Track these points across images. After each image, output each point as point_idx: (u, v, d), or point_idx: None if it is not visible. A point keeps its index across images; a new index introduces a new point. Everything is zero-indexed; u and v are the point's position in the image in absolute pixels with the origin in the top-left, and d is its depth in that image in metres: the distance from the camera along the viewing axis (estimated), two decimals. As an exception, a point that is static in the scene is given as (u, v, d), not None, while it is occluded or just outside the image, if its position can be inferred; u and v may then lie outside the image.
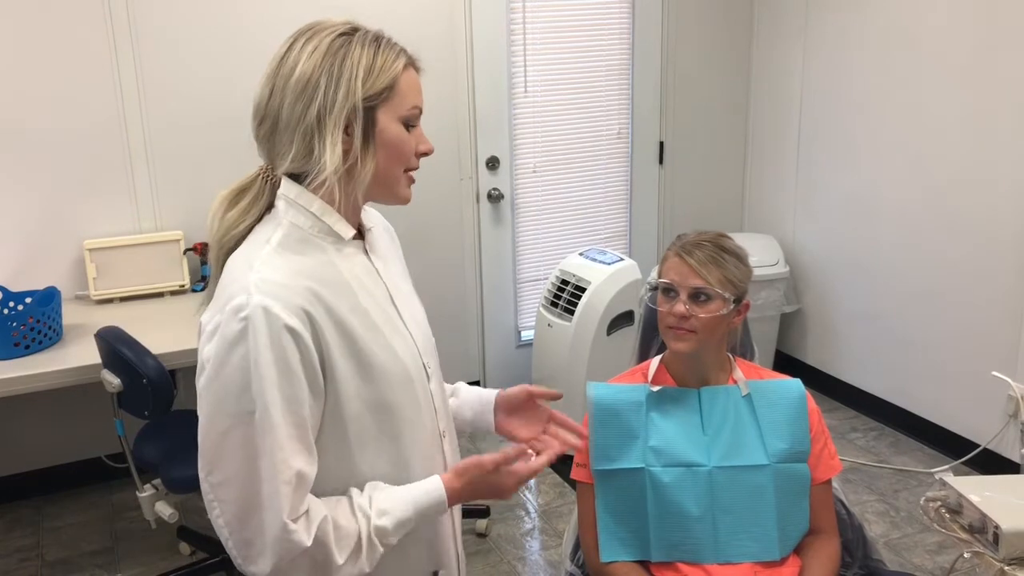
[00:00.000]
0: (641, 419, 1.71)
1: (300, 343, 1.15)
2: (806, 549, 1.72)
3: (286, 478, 1.14)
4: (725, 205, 4.36)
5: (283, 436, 1.15)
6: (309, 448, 1.18)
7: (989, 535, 1.76)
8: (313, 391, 1.18)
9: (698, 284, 1.66)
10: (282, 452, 1.14)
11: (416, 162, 1.27)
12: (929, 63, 3.34)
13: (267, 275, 1.17)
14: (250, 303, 1.14)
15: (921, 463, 3.45)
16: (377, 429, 1.26)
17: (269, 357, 1.13)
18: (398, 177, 1.26)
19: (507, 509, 3.20)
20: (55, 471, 3.39)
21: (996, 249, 3.17)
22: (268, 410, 1.14)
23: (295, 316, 1.15)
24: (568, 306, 3.38)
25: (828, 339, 4.02)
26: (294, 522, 1.15)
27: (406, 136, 1.24)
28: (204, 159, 3.31)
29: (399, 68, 1.22)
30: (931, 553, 2.89)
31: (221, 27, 3.26)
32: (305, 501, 1.18)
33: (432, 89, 3.55)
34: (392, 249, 1.43)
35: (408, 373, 1.28)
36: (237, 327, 1.14)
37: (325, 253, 1.24)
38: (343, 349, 1.20)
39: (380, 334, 1.25)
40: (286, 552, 1.16)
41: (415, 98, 1.25)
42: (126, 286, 3.18)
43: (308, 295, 1.18)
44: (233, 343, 1.14)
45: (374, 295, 1.28)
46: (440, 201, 3.73)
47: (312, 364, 1.17)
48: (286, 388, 1.15)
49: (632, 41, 3.96)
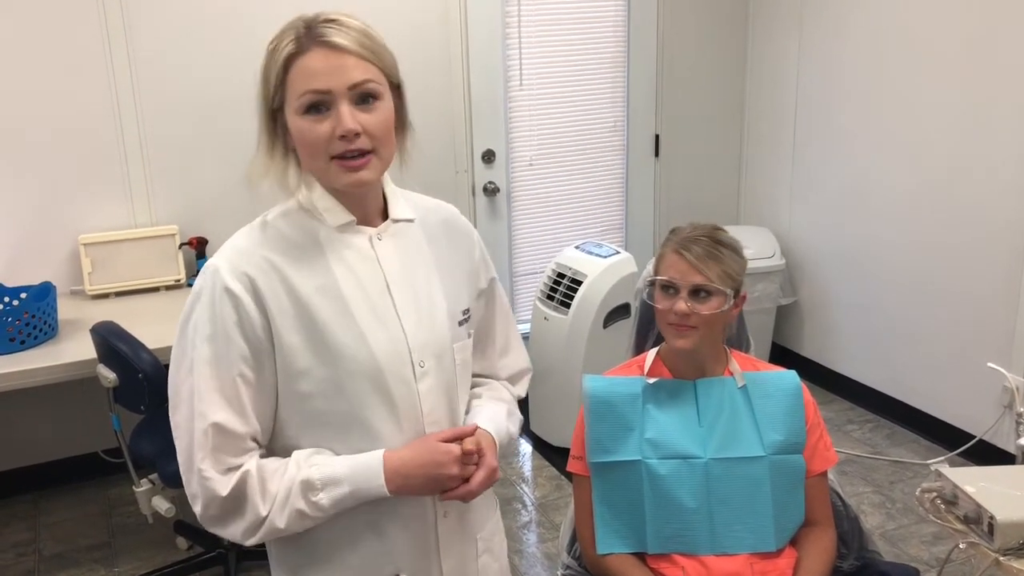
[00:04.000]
0: (637, 411, 1.71)
1: (239, 307, 1.22)
2: (802, 540, 1.72)
3: (202, 426, 1.21)
4: (721, 197, 4.36)
5: (205, 387, 1.22)
6: (236, 406, 1.23)
7: (984, 526, 1.77)
8: (256, 356, 1.23)
9: (698, 281, 1.65)
10: (201, 403, 1.21)
11: (338, 146, 1.20)
12: (924, 55, 3.34)
13: (237, 242, 1.28)
14: (209, 264, 1.26)
15: (917, 454, 3.46)
16: (334, 416, 1.27)
17: (207, 314, 1.23)
18: (323, 168, 1.22)
19: (504, 502, 3.20)
20: (51, 466, 3.39)
21: (991, 240, 3.17)
22: (195, 361, 1.22)
23: (237, 280, 1.22)
24: (564, 299, 3.39)
25: (824, 331, 4.03)
26: (217, 472, 1.21)
27: (307, 127, 1.19)
28: (199, 153, 3.30)
29: (279, 64, 1.19)
30: (927, 544, 2.90)
31: (215, 21, 3.24)
32: (240, 456, 1.23)
33: (427, 82, 3.57)
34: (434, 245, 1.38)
35: (377, 365, 1.26)
36: (198, 286, 1.26)
37: (316, 233, 1.28)
38: (296, 324, 1.24)
39: (352, 320, 1.26)
40: (208, 498, 1.22)
41: (304, 84, 1.18)
42: (121, 281, 3.17)
43: (263, 263, 1.24)
44: (194, 299, 1.25)
45: (363, 283, 1.28)
46: (436, 194, 3.68)
47: (253, 329, 1.22)
48: (217, 345, 1.22)
49: (627, 33, 3.96)
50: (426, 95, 3.56)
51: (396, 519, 1.32)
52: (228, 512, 1.23)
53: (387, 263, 1.31)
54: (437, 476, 1.27)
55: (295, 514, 1.23)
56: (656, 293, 1.70)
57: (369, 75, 1.20)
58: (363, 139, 1.20)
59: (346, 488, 1.24)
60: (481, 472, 1.30)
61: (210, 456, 1.21)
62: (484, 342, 1.50)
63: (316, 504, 1.23)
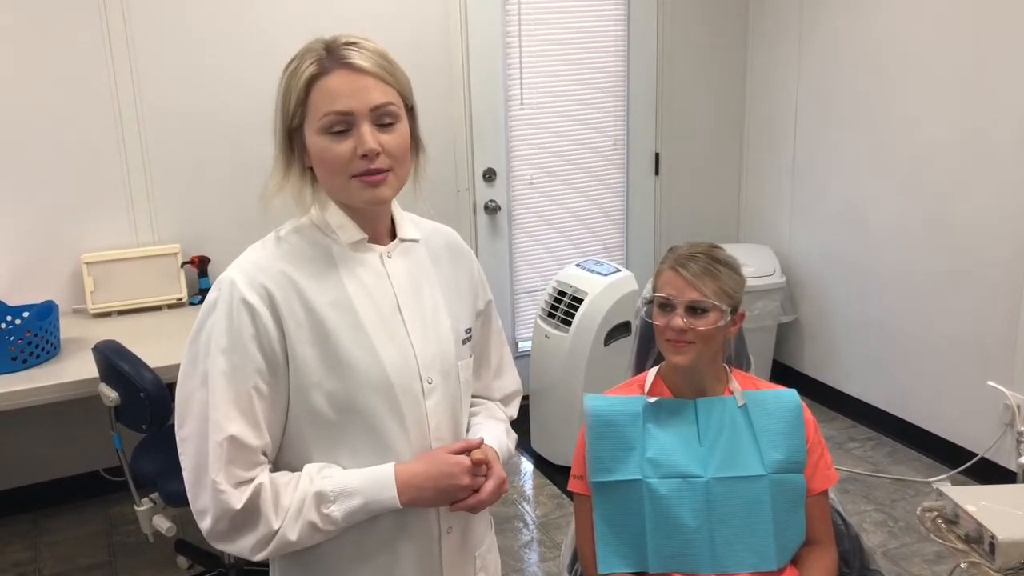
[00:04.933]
0: (638, 430, 1.72)
1: (256, 319, 1.23)
2: (803, 560, 1.72)
3: (217, 439, 1.21)
4: (721, 216, 4.37)
5: (220, 399, 1.21)
6: (250, 419, 1.23)
7: (985, 545, 1.77)
8: (271, 369, 1.24)
9: (695, 297, 1.66)
10: (216, 413, 1.21)
11: (359, 165, 1.23)
12: (923, 74, 3.36)
13: (252, 255, 1.29)
14: (225, 277, 1.26)
15: (918, 473, 3.45)
16: (344, 429, 1.27)
17: (223, 326, 1.23)
18: (342, 185, 1.25)
19: (505, 521, 3.19)
20: (52, 485, 3.39)
21: (991, 259, 3.18)
22: (211, 371, 1.22)
23: (255, 292, 1.23)
24: (565, 317, 3.39)
25: (825, 349, 4.03)
26: (231, 485, 1.20)
27: (327, 145, 1.23)
28: (201, 173, 3.32)
29: (301, 84, 1.22)
30: (929, 563, 2.89)
31: (219, 42, 3.26)
32: (252, 469, 1.23)
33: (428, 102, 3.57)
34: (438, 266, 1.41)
35: (388, 380, 1.28)
36: (212, 297, 1.26)
37: (328, 250, 1.30)
38: (310, 337, 1.25)
39: (364, 335, 1.28)
40: (220, 512, 1.21)
41: (327, 105, 1.22)
42: (123, 299, 3.18)
43: (280, 277, 1.25)
44: (208, 311, 1.25)
45: (375, 298, 1.30)
46: (437, 213, 3.71)
47: (270, 341, 1.23)
48: (233, 357, 1.22)
49: (627, 52, 3.98)
50: (427, 114, 3.53)
51: (403, 535, 1.33)
52: (239, 526, 1.23)
53: (397, 280, 1.33)
54: (448, 487, 1.29)
55: (308, 527, 1.23)
56: (654, 310, 1.72)
57: (388, 97, 1.24)
58: (382, 158, 1.24)
59: (359, 500, 1.25)
60: (491, 482, 1.33)
61: (224, 469, 1.21)
62: (479, 363, 1.52)
63: (328, 516, 1.24)
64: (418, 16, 3.55)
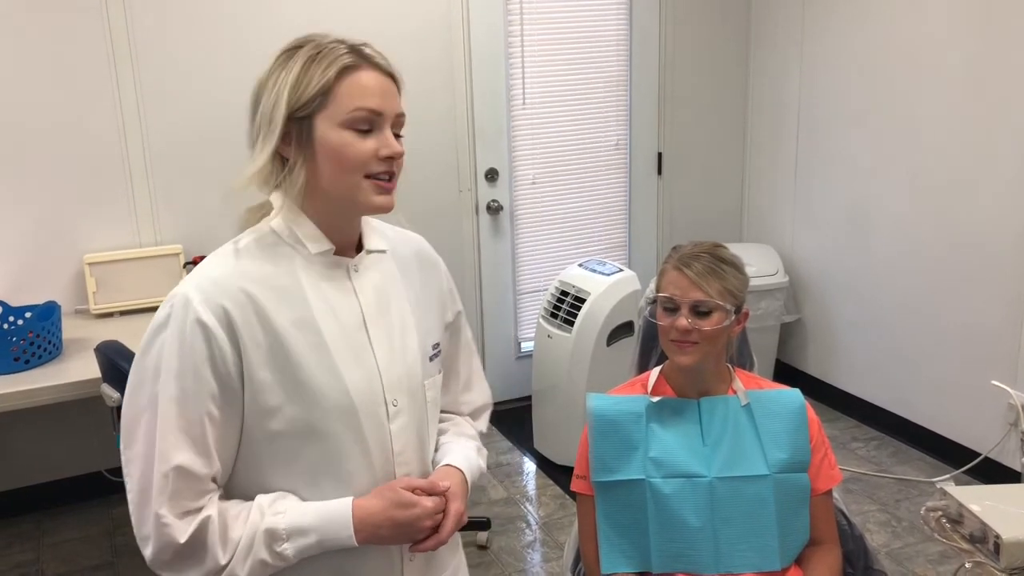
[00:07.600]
0: (641, 430, 1.71)
1: (212, 341, 1.16)
2: (807, 560, 1.71)
3: (163, 469, 1.15)
4: (724, 215, 4.37)
5: (169, 427, 1.15)
6: (200, 447, 1.16)
7: (990, 545, 1.76)
8: (225, 393, 1.18)
9: (699, 297, 1.65)
10: (164, 442, 1.15)
11: (378, 166, 1.20)
12: (925, 75, 3.35)
13: (208, 271, 1.22)
14: (178, 292, 1.19)
15: (922, 472, 3.44)
16: (303, 454, 1.22)
17: (175, 347, 1.16)
18: (354, 184, 1.20)
19: (508, 522, 3.19)
20: (55, 486, 3.39)
21: (994, 259, 3.17)
22: (160, 396, 1.16)
23: (211, 313, 1.16)
24: (568, 317, 3.39)
25: (828, 349, 4.02)
26: (175, 516, 1.15)
27: (350, 140, 1.19)
28: (204, 173, 3.31)
29: (331, 75, 1.17)
30: (933, 563, 2.88)
31: (220, 42, 3.27)
32: (199, 499, 1.17)
33: (430, 102, 3.58)
34: (407, 278, 1.36)
35: (351, 404, 1.23)
36: (163, 314, 1.19)
37: (292, 262, 1.24)
38: (269, 359, 1.19)
39: (327, 356, 1.22)
40: (162, 543, 1.16)
41: (359, 100, 1.18)
42: (126, 300, 3.18)
43: (239, 296, 1.19)
44: (157, 329, 1.19)
45: (339, 316, 1.24)
46: (439, 213, 3.73)
47: (225, 365, 1.17)
48: (185, 382, 1.16)
49: (630, 51, 3.98)
50: (429, 115, 3.58)
51: (362, 565, 1.28)
52: (184, 559, 1.17)
53: (364, 297, 1.28)
54: (408, 528, 1.24)
55: (258, 564, 1.18)
56: (658, 310, 1.71)
57: (403, 108, 1.24)
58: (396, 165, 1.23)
59: (313, 538, 1.20)
60: (450, 521, 1.27)
61: (168, 501, 1.15)
62: (448, 377, 1.47)
63: (280, 554, 1.19)
64: (420, 16, 3.54)
